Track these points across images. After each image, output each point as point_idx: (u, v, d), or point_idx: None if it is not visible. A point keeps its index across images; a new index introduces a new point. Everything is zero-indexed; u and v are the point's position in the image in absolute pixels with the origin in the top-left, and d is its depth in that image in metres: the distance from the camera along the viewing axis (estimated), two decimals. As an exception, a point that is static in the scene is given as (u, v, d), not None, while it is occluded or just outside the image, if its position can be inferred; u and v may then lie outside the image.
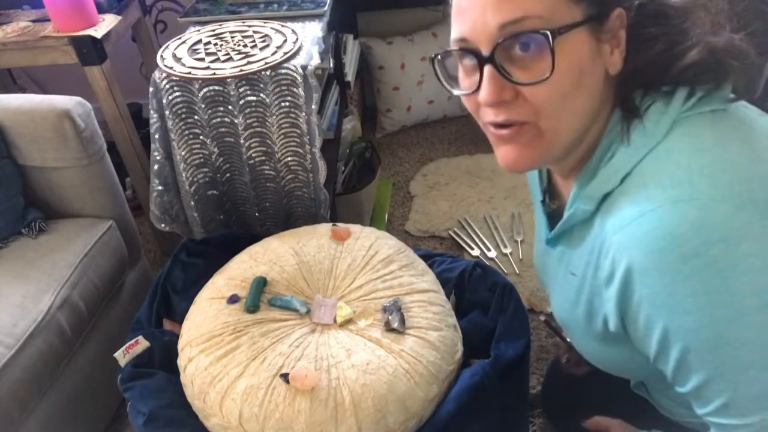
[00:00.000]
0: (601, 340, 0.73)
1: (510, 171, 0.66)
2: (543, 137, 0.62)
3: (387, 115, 2.42)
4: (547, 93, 0.58)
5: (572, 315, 0.76)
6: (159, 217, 1.35)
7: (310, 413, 0.82)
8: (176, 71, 1.20)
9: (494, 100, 0.59)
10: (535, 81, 0.57)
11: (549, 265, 0.83)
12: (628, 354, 0.71)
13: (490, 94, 0.59)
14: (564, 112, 0.60)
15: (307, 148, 1.28)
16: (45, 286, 1.20)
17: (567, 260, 0.75)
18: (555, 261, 0.80)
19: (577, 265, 0.71)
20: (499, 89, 0.59)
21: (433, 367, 0.89)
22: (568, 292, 0.75)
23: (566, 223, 0.71)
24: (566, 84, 0.58)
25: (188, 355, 0.92)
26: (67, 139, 1.29)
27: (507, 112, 0.61)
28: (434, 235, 1.93)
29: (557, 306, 0.83)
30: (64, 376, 1.22)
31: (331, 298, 1.00)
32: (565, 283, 0.76)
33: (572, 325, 0.78)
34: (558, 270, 0.79)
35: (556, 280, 0.81)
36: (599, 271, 0.65)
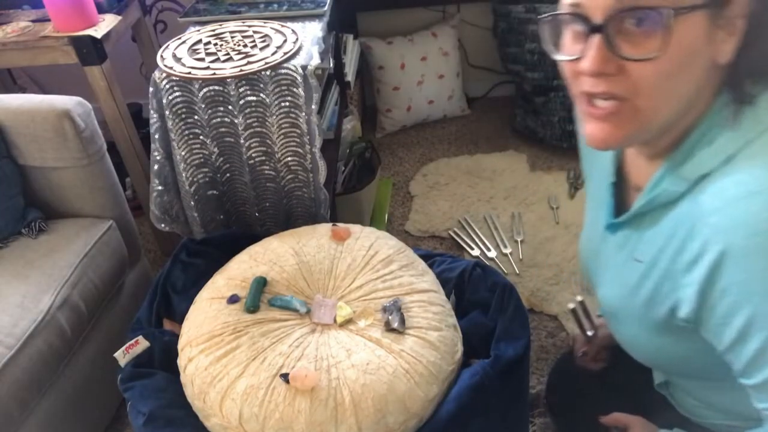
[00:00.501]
0: (656, 329, 0.71)
1: (596, 149, 0.65)
2: (638, 117, 0.61)
3: (387, 115, 2.42)
4: (652, 71, 0.57)
5: (628, 303, 0.74)
6: (159, 217, 1.35)
7: (310, 413, 0.82)
8: (176, 71, 1.20)
9: (597, 71, 0.58)
10: (643, 58, 0.56)
11: (603, 252, 0.81)
12: (682, 345, 0.70)
13: (594, 63, 0.58)
14: (664, 93, 0.59)
15: (307, 148, 1.28)
16: (45, 286, 1.20)
17: (632, 246, 0.73)
18: (613, 247, 0.78)
19: (646, 251, 0.69)
20: (604, 60, 0.58)
21: (433, 367, 0.89)
22: (628, 279, 0.73)
23: (646, 206, 0.69)
24: (673, 65, 0.57)
25: (188, 355, 0.92)
26: (67, 139, 1.29)
27: (606, 85, 0.60)
28: (434, 235, 1.93)
29: (608, 294, 0.81)
30: (64, 376, 1.22)
31: (331, 298, 1.00)
32: (625, 270, 0.74)
33: (625, 314, 0.77)
34: (616, 256, 0.77)
35: (612, 266, 0.79)
36: (681, 255, 0.63)
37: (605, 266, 0.82)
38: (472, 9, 2.43)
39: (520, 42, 2.16)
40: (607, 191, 0.79)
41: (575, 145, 2.46)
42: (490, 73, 2.60)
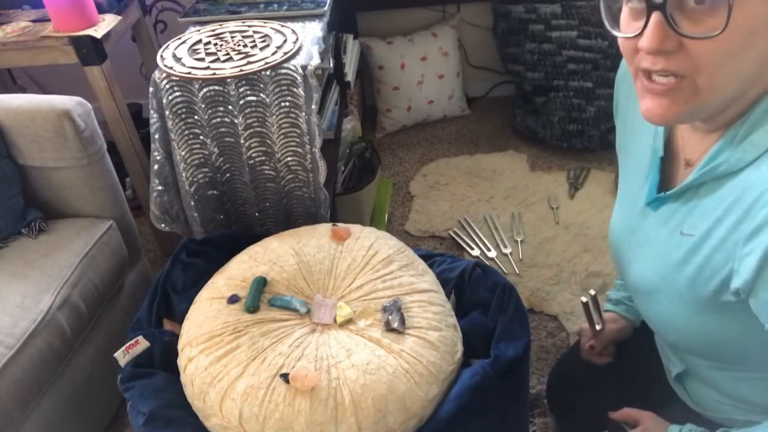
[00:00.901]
0: (698, 307, 0.70)
1: (655, 124, 0.65)
2: (697, 94, 0.60)
3: (387, 115, 2.42)
4: (712, 50, 0.56)
5: (670, 279, 0.73)
6: (159, 217, 1.35)
7: (310, 413, 0.82)
8: (176, 71, 1.20)
9: (656, 48, 0.58)
10: (704, 36, 0.55)
11: (641, 229, 0.80)
12: (724, 324, 0.69)
13: (653, 41, 0.57)
14: (725, 71, 0.58)
15: (307, 148, 1.28)
16: (45, 286, 1.20)
17: (678, 220, 0.72)
18: (655, 223, 0.77)
19: (697, 223, 0.68)
20: (663, 38, 0.57)
21: (433, 367, 0.89)
22: (672, 254, 0.72)
23: (704, 176, 0.67)
24: (735, 43, 0.56)
25: (188, 355, 0.92)
26: (67, 139, 1.29)
27: (665, 62, 0.59)
28: (434, 235, 1.93)
29: (645, 271, 0.79)
30: (64, 376, 1.22)
31: (331, 298, 1.00)
32: (669, 245, 0.73)
33: (664, 291, 0.75)
34: (658, 232, 0.76)
35: (652, 243, 0.77)
36: (743, 223, 0.61)
37: (642, 243, 0.80)
38: (472, 9, 2.43)
39: (520, 42, 2.16)
40: (654, 166, 0.77)
41: (575, 145, 2.47)
42: (490, 73, 2.60)
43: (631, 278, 0.84)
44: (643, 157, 0.80)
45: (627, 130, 0.87)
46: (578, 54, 2.07)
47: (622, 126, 0.88)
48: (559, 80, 2.15)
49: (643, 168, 0.80)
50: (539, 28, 2.09)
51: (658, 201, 0.76)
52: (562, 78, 2.14)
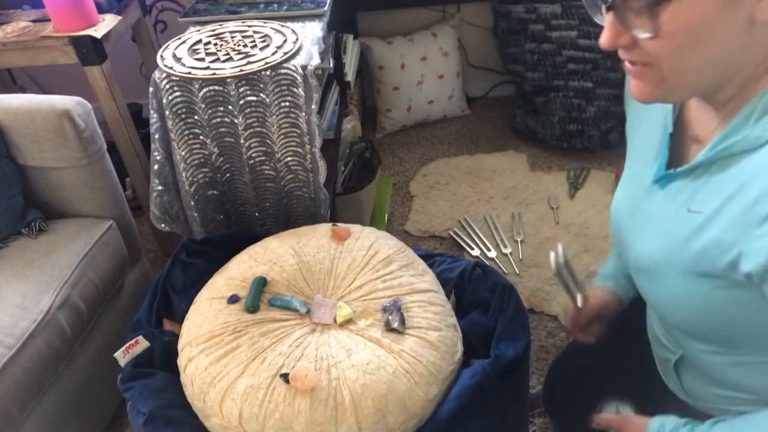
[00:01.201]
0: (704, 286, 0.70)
1: (638, 102, 0.68)
2: (665, 80, 0.63)
3: (387, 115, 2.42)
4: (659, 47, 0.60)
5: (674, 256, 0.73)
6: (159, 217, 1.35)
7: (310, 413, 0.82)
8: (176, 71, 1.20)
9: (609, 46, 0.63)
10: (644, 36, 0.60)
11: (646, 207, 0.80)
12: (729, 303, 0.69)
13: (605, 39, 0.63)
14: (683, 63, 0.61)
15: (307, 148, 1.28)
16: (45, 286, 1.20)
17: (687, 197, 0.72)
18: (662, 200, 0.76)
19: (706, 200, 0.68)
20: (616, 35, 0.62)
21: (433, 367, 0.89)
22: (678, 231, 0.72)
23: (718, 154, 0.67)
24: (680, 41, 0.59)
25: (188, 355, 0.92)
26: (67, 139, 1.29)
27: (628, 54, 0.64)
28: (434, 235, 1.93)
29: (649, 248, 0.78)
30: (64, 376, 1.22)
31: (331, 298, 1.00)
32: (675, 222, 0.73)
33: (669, 269, 0.75)
34: (665, 209, 0.76)
35: (657, 220, 0.77)
36: (759, 204, 0.61)
37: (647, 221, 0.80)
38: (472, 9, 2.43)
39: (520, 42, 2.16)
40: (663, 143, 0.78)
41: (575, 145, 2.47)
42: (490, 73, 2.60)
43: (633, 257, 0.83)
44: (652, 137, 0.81)
45: (638, 109, 0.87)
46: (578, 54, 2.07)
47: (633, 110, 0.89)
48: (559, 80, 2.15)
49: (652, 147, 0.80)
50: (539, 28, 2.09)
51: (667, 178, 0.76)
52: (562, 78, 2.14)
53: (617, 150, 2.26)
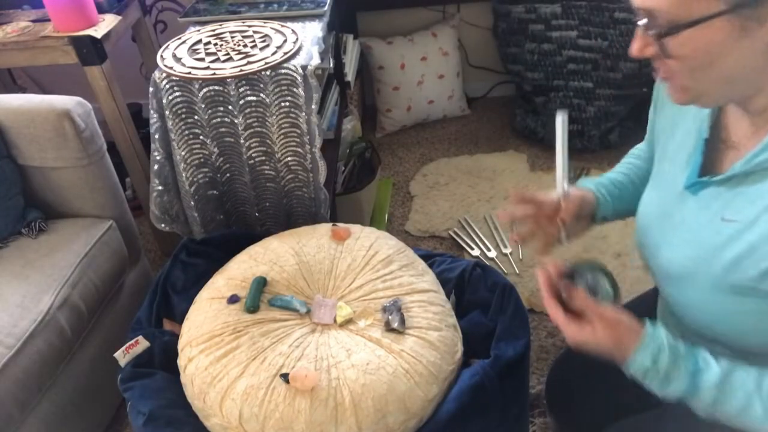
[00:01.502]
0: (734, 294, 0.70)
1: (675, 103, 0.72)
2: (688, 91, 0.68)
3: (387, 115, 2.42)
4: (677, 65, 0.65)
5: (705, 264, 0.72)
6: (159, 217, 1.35)
7: (310, 413, 0.82)
8: (176, 71, 1.20)
9: (635, 55, 0.68)
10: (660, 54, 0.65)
11: (678, 213, 0.79)
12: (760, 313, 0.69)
13: (633, 48, 0.68)
14: (700, 81, 0.66)
15: (307, 148, 1.28)
16: (45, 286, 1.20)
17: (721, 205, 0.72)
18: (694, 207, 0.76)
19: (742, 210, 0.69)
20: (642, 47, 0.67)
21: (433, 367, 0.89)
22: (710, 240, 0.72)
23: (759, 165, 0.68)
24: (693, 63, 0.64)
25: (188, 355, 0.92)
26: (67, 139, 1.29)
27: (656, 64, 0.69)
28: (434, 235, 1.93)
29: (679, 255, 0.78)
30: (64, 376, 1.22)
31: (331, 298, 1.00)
32: (708, 230, 0.73)
33: (698, 276, 0.74)
34: (697, 217, 0.75)
35: (688, 227, 0.76)
36: None
37: (677, 227, 0.79)
38: (472, 9, 2.43)
39: (520, 42, 2.16)
40: (696, 148, 0.78)
41: (575, 145, 2.47)
42: (490, 73, 2.60)
43: (661, 263, 0.82)
44: (686, 141, 0.80)
45: (671, 117, 0.86)
46: (578, 54, 2.07)
47: (666, 112, 0.88)
48: (559, 80, 2.15)
49: (685, 152, 0.80)
50: (539, 28, 2.09)
51: (700, 185, 0.75)
52: (562, 78, 2.14)
53: (617, 150, 2.26)
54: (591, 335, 0.75)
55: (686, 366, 0.71)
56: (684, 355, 0.72)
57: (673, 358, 0.71)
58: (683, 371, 0.71)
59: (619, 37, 1.99)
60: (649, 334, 0.73)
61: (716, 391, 0.70)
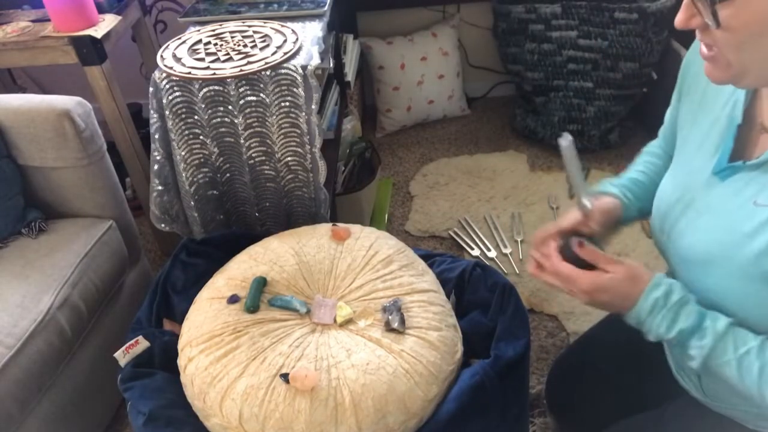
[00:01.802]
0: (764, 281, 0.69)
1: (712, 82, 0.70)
2: (731, 67, 0.65)
3: (387, 115, 2.42)
4: (724, 37, 0.63)
5: (734, 250, 0.72)
6: (159, 217, 1.35)
7: (310, 413, 0.82)
8: (176, 71, 1.20)
9: (682, 26, 0.66)
10: (708, 25, 0.63)
11: (703, 198, 0.78)
12: None
13: (679, 19, 0.66)
14: (747, 56, 0.63)
15: (307, 148, 1.28)
16: (45, 286, 1.20)
17: (754, 190, 0.71)
18: (723, 192, 0.75)
19: None
20: (688, 17, 0.65)
21: (433, 367, 0.89)
22: (741, 225, 0.71)
23: None
24: (741, 35, 0.61)
25: (188, 355, 0.92)
26: (67, 139, 1.29)
27: (701, 36, 0.67)
28: (434, 235, 1.93)
29: (704, 241, 0.77)
30: (64, 376, 1.22)
31: (331, 298, 1.00)
32: (738, 215, 0.72)
33: (724, 262, 0.73)
34: (726, 202, 0.75)
35: (717, 212, 0.76)
36: None
37: (702, 213, 0.78)
38: (472, 9, 2.43)
39: (520, 42, 2.16)
40: (727, 134, 0.77)
41: (575, 145, 2.46)
42: (490, 73, 2.60)
43: (681, 248, 0.81)
44: (715, 126, 0.79)
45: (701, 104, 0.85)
46: (578, 54, 2.07)
47: (691, 100, 0.87)
48: (559, 80, 2.15)
49: (714, 137, 0.79)
50: (539, 28, 2.09)
51: (730, 170, 0.75)
52: (562, 78, 2.14)
53: (617, 150, 2.26)
54: (608, 279, 0.78)
55: (695, 305, 0.74)
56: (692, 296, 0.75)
57: (683, 294, 0.75)
58: (692, 308, 0.74)
59: (619, 37, 1.99)
60: (660, 275, 0.77)
61: (719, 337, 0.72)
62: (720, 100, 0.80)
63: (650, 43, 2.00)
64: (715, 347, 0.72)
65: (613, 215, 0.93)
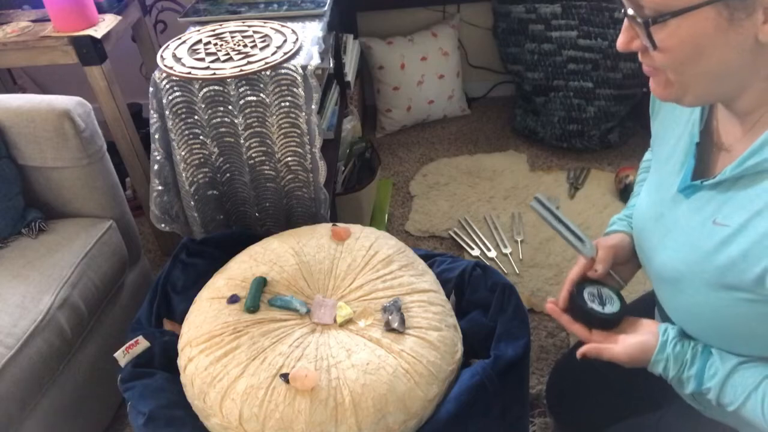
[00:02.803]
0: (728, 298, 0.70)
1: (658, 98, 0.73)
2: (673, 86, 0.67)
3: (387, 115, 2.42)
4: (662, 58, 0.64)
5: (699, 267, 0.72)
6: (159, 217, 1.35)
7: (310, 413, 0.82)
8: (176, 71, 1.20)
9: (622, 49, 0.67)
10: (646, 48, 0.65)
11: (670, 216, 0.79)
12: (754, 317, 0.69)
13: (620, 42, 0.68)
14: (686, 75, 0.65)
15: (307, 148, 1.28)
16: (45, 286, 1.20)
17: (713, 209, 0.71)
18: (687, 211, 0.76)
19: (733, 214, 0.68)
20: (628, 40, 0.67)
21: (433, 367, 0.89)
22: (702, 243, 0.72)
23: (749, 169, 0.67)
24: (680, 56, 0.63)
25: (188, 355, 0.92)
26: (67, 139, 1.29)
27: (642, 58, 0.68)
28: (434, 235, 1.93)
29: (673, 258, 0.78)
30: (64, 376, 1.22)
31: (331, 298, 1.00)
32: (701, 234, 0.73)
33: (691, 280, 0.74)
34: (689, 220, 0.75)
35: (681, 230, 0.77)
36: None
37: (670, 230, 0.79)
38: (472, 9, 2.43)
39: (520, 42, 2.16)
40: (689, 152, 0.78)
41: (575, 145, 2.47)
42: (490, 73, 2.60)
43: (655, 266, 0.83)
44: (679, 145, 0.80)
45: (665, 120, 0.86)
46: (578, 54, 2.07)
47: (660, 117, 0.88)
48: (559, 80, 2.15)
49: (679, 155, 0.80)
50: (539, 28, 2.09)
51: (693, 188, 0.75)
52: (562, 78, 2.14)
53: (617, 150, 2.26)
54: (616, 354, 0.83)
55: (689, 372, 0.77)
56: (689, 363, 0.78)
57: (678, 367, 0.78)
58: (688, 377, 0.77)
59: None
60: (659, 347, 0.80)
61: (719, 388, 0.74)
62: (682, 118, 0.81)
63: (650, 43, 2.00)
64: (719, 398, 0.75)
65: (621, 248, 0.95)
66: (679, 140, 0.81)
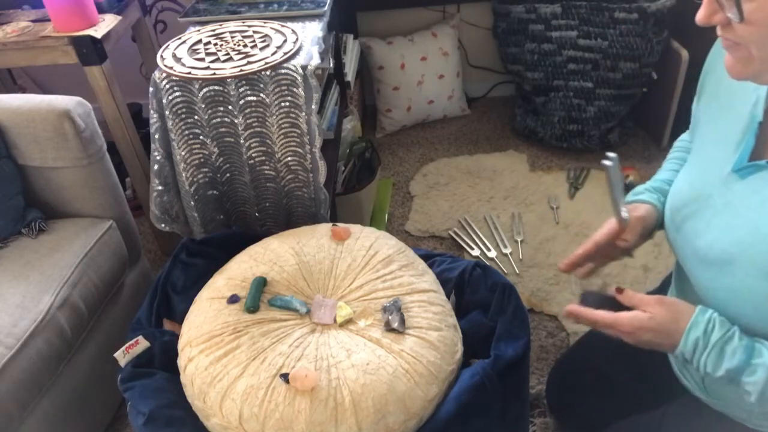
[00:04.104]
0: None
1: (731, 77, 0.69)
2: (753, 61, 0.65)
3: (387, 115, 2.42)
4: (747, 31, 0.62)
5: (754, 249, 0.71)
6: (159, 217, 1.35)
7: (310, 413, 0.82)
8: (176, 71, 1.20)
9: (704, 23, 0.65)
10: (731, 20, 0.62)
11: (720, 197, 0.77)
12: None
13: (701, 15, 0.65)
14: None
15: (307, 148, 1.28)
16: (45, 286, 1.20)
17: None
18: (742, 190, 0.74)
19: None
20: (710, 13, 0.64)
21: (433, 367, 0.89)
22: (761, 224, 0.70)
23: None
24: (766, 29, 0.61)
25: (188, 355, 0.92)
26: (67, 139, 1.29)
27: (722, 32, 0.66)
28: (434, 235, 1.93)
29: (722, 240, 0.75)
30: (64, 376, 1.22)
31: (331, 298, 1.00)
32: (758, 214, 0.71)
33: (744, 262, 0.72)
34: (745, 200, 0.74)
35: (736, 211, 0.75)
36: None
37: (720, 212, 0.77)
38: (472, 9, 2.43)
39: (520, 42, 2.16)
40: (749, 132, 0.76)
41: (575, 145, 2.47)
42: (490, 73, 2.60)
43: (699, 247, 0.80)
44: (736, 124, 0.78)
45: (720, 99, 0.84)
46: (578, 54, 2.07)
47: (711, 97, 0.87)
48: (559, 80, 2.15)
49: (734, 135, 0.78)
50: (539, 28, 2.09)
51: (752, 168, 0.74)
52: (562, 78, 2.14)
53: (617, 150, 2.26)
54: (648, 320, 0.77)
55: (740, 339, 0.72)
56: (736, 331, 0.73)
57: (724, 331, 0.72)
58: (737, 344, 0.71)
59: (619, 37, 2.00)
60: (701, 310, 0.75)
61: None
62: (742, 98, 0.79)
63: (650, 43, 2.01)
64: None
65: (648, 222, 0.93)
66: (737, 119, 0.79)
